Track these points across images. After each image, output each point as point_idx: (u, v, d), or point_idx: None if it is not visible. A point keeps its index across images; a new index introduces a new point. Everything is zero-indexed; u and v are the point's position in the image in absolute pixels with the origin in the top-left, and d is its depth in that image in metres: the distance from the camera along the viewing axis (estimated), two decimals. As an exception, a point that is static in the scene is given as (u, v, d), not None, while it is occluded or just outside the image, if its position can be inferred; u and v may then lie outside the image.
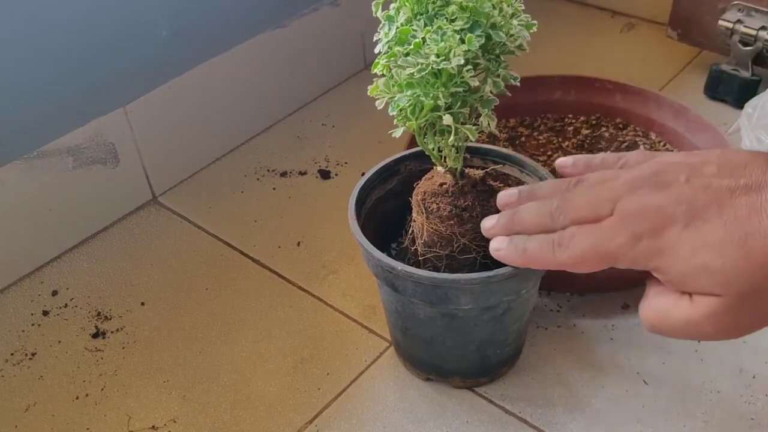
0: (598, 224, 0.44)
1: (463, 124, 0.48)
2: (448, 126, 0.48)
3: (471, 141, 0.51)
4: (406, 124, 0.49)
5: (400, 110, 0.48)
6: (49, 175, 0.75)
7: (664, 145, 0.83)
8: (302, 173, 0.88)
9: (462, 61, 0.44)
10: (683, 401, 0.61)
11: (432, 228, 0.54)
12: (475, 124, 0.49)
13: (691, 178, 0.42)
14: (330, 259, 0.76)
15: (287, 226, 0.81)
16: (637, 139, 0.84)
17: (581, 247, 0.44)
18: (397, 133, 0.50)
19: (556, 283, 0.70)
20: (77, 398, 0.65)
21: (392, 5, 0.47)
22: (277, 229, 0.81)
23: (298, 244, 0.79)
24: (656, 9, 1.08)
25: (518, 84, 0.49)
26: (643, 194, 0.43)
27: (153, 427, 0.62)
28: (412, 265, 0.54)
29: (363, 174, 0.62)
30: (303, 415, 0.62)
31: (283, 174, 0.88)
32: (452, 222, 0.54)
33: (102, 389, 0.65)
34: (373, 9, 0.48)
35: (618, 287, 0.70)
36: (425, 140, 0.52)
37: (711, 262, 0.39)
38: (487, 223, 0.51)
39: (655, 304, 0.44)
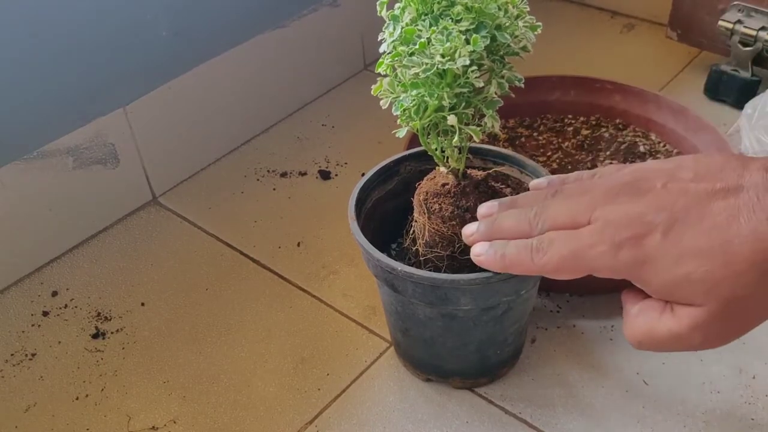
0: (578, 231, 0.44)
1: (466, 124, 0.48)
2: (452, 126, 0.48)
3: (475, 142, 0.51)
4: (410, 124, 0.49)
5: (404, 110, 0.48)
6: (49, 176, 0.75)
7: (664, 145, 0.83)
8: (302, 174, 0.88)
9: (467, 62, 0.44)
10: (683, 401, 0.61)
11: (434, 228, 0.54)
12: (478, 125, 0.49)
13: (668, 183, 0.42)
14: (330, 260, 0.76)
15: (287, 227, 0.81)
16: (637, 139, 0.84)
17: (561, 253, 0.44)
18: (401, 133, 0.51)
19: (556, 283, 0.69)
20: (77, 399, 0.65)
21: (397, 5, 0.47)
22: (277, 229, 0.81)
23: (298, 244, 0.79)
24: (656, 9, 1.08)
25: (522, 86, 0.49)
26: (621, 202, 0.43)
27: (153, 427, 0.62)
28: (412, 266, 0.54)
29: (363, 174, 0.62)
30: (303, 415, 0.62)
31: (283, 174, 0.88)
32: (454, 222, 0.54)
33: (102, 390, 0.65)
34: (378, 8, 0.48)
35: (618, 287, 0.70)
36: (428, 140, 0.52)
37: (692, 272, 0.40)
38: (468, 230, 0.51)
39: (639, 321, 0.44)
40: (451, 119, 0.47)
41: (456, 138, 0.48)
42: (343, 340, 0.68)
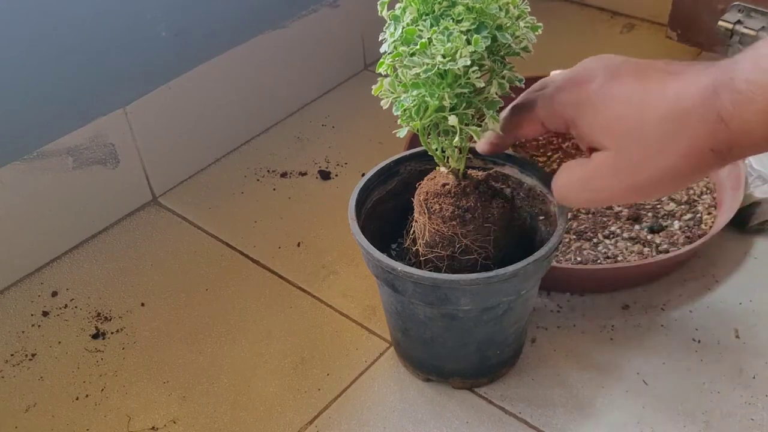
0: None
1: (467, 125, 0.48)
2: (452, 127, 0.48)
3: (475, 142, 0.51)
4: (411, 125, 0.49)
5: (405, 110, 0.48)
6: (49, 176, 0.75)
7: (664, 145, 0.82)
8: (302, 174, 0.88)
9: (468, 62, 0.44)
10: (683, 401, 0.61)
11: (434, 228, 0.54)
12: (479, 125, 0.49)
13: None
14: (330, 260, 0.76)
15: (287, 227, 0.81)
16: (637, 139, 0.83)
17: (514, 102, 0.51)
18: (401, 133, 0.51)
19: (556, 283, 0.70)
20: (77, 399, 0.65)
21: (398, 5, 0.47)
22: (277, 229, 0.81)
23: (298, 244, 0.79)
24: (656, 9, 1.08)
25: (523, 86, 0.49)
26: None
27: (153, 427, 0.62)
28: (412, 266, 0.54)
29: (363, 175, 0.62)
30: (303, 415, 0.62)
31: (284, 175, 0.88)
32: (455, 223, 0.54)
33: (102, 390, 0.65)
34: (379, 9, 0.48)
35: (618, 287, 0.70)
36: (429, 140, 0.52)
37: (613, 115, 0.43)
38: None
39: (562, 174, 0.49)
40: (452, 119, 0.47)
41: (457, 138, 0.48)
42: (343, 340, 0.68)
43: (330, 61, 1.00)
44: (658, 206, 0.75)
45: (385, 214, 0.62)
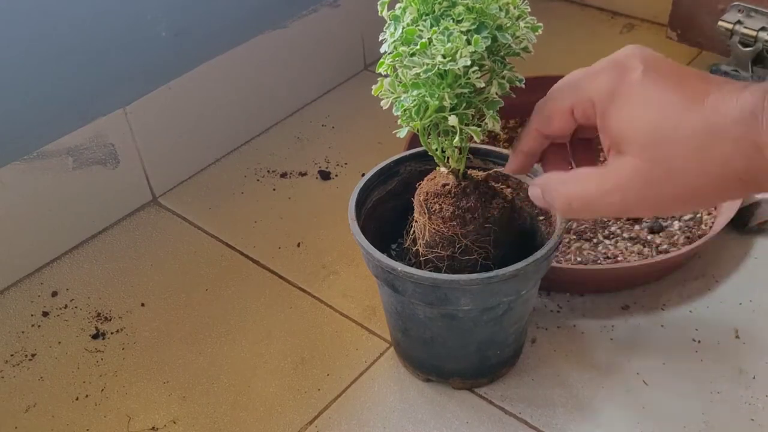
0: None
1: (467, 125, 0.48)
2: (452, 127, 0.48)
3: (475, 142, 0.51)
4: (411, 125, 0.49)
5: (405, 110, 0.48)
6: (49, 176, 0.75)
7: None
8: (302, 174, 0.88)
9: (468, 62, 0.44)
10: (683, 401, 0.61)
11: (434, 228, 0.54)
12: (479, 125, 0.49)
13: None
14: (330, 260, 0.76)
15: (287, 227, 0.81)
16: (637, 139, 0.84)
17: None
18: (402, 133, 0.51)
19: (556, 283, 0.70)
20: (77, 399, 0.65)
21: (398, 5, 0.47)
22: (277, 229, 0.81)
23: (298, 244, 0.79)
24: (656, 10, 1.08)
25: (523, 86, 0.49)
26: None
27: (153, 428, 0.62)
28: (413, 266, 0.54)
29: (363, 175, 0.62)
30: (303, 415, 0.62)
31: (283, 175, 0.88)
32: (455, 223, 0.54)
33: (102, 390, 0.65)
34: (379, 9, 0.48)
35: (618, 287, 0.70)
36: (429, 141, 0.52)
37: (645, 118, 0.40)
38: None
39: (572, 182, 0.45)
40: (452, 120, 0.47)
41: (457, 138, 0.48)
42: (343, 341, 0.68)
43: (330, 61, 1.00)
44: (658, 206, 0.75)
45: (385, 215, 0.62)
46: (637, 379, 0.63)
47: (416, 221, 0.56)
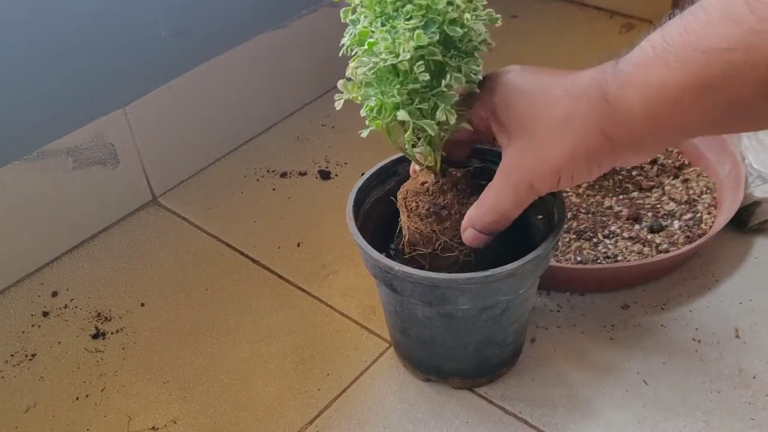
0: None
1: (422, 118, 0.49)
2: (403, 122, 0.48)
3: (445, 136, 0.51)
4: (373, 124, 0.49)
5: (369, 110, 0.49)
6: (49, 176, 0.75)
7: (664, 145, 0.83)
8: (302, 174, 0.88)
9: (408, 56, 0.45)
10: (683, 401, 0.61)
11: (413, 226, 0.55)
12: (443, 122, 0.49)
13: None
14: (330, 260, 0.76)
15: (287, 227, 0.81)
16: (637, 139, 0.83)
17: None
18: (365, 133, 0.51)
19: (556, 283, 0.70)
20: (77, 399, 0.65)
21: (358, 9, 0.48)
22: (277, 229, 0.81)
23: (298, 244, 0.79)
24: (655, 9, 1.08)
25: (480, 78, 0.50)
26: None
27: (153, 428, 0.62)
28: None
29: (363, 174, 0.62)
30: (303, 415, 0.62)
31: (283, 174, 0.88)
32: (431, 220, 0.54)
33: (102, 390, 0.65)
34: (342, 16, 0.49)
35: (618, 287, 0.70)
36: (394, 139, 0.52)
37: (522, 104, 0.47)
38: None
39: (481, 199, 0.52)
40: (401, 114, 0.48)
41: (408, 133, 0.49)
42: (343, 340, 0.68)
43: (330, 60, 1.00)
44: (658, 206, 0.75)
45: (384, 214, 0.62)
46: (637, 379, 0.62)
47: (401, 220, 0.56)
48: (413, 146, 0.53)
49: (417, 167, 0.56)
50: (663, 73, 0.39)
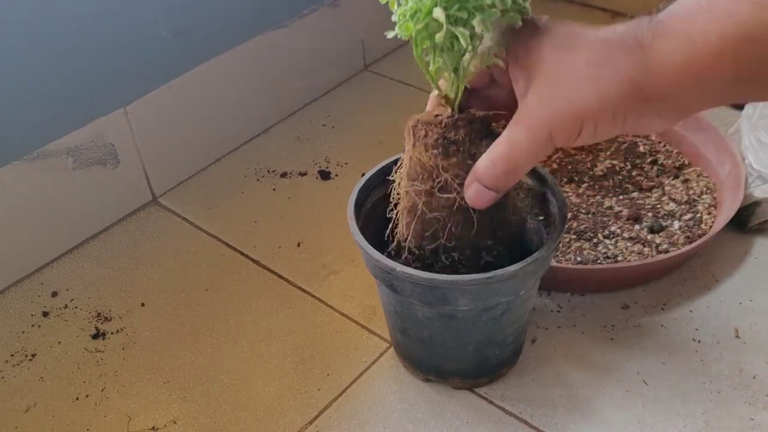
0: None
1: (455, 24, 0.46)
2: (438, 22, 0.45)
3: (473, 59, 0.49)
4: (403, 29, 0.47)
5: (402, 14, 0.46)
6: (49, 176, 0.75)
7: (664, 145, 0.83)
8: (302, 174, 0.88)
9: None
10: (683, 401, 0.61)
11: (416, 156, 0.52)
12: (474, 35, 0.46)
13: None
14: (330, 260, 0.76)
15: (287, 227, 0.81)
16: (637, 139, 0.84)
17: None
18: (390, 34, 0.48)
19: (557, 283, 0.70)
20: (77, 399, 0.65)
21: None
22: (277, 229, 0.81)
23: (298, 244, 0.79)
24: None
25: (528, 7, 0.49)
26: None
27: (153, 428, 0.62)
28: (399, 253, 0.53)
29: (363, 174, 0.62)
30: (303, 415, 0.62)
31: (283, 175, 0.88)
32: (436, 152, 0.51)
33: (102, 390, 0.65)
34: None
35: (618, 287, 0.70)
36: (421, 54, 0.49)
37: (549, 47, 0.46)
38: None
39: (491, 150, 0.48)
40: (437, 12, 0.45)
41: (441, 33, 0.46)
42: (343, 341, 0.68)
43: (330, 61, 1.00)
44: (658, 206, 0.75)
45: (384, 215, 0.62)
46: (637, 379, 0.63)
47: (401, 159, 0.54)
48: (437, 70, 0.50)
49: (434, 100, 0.53)
50: (708, 22, 0.38)
